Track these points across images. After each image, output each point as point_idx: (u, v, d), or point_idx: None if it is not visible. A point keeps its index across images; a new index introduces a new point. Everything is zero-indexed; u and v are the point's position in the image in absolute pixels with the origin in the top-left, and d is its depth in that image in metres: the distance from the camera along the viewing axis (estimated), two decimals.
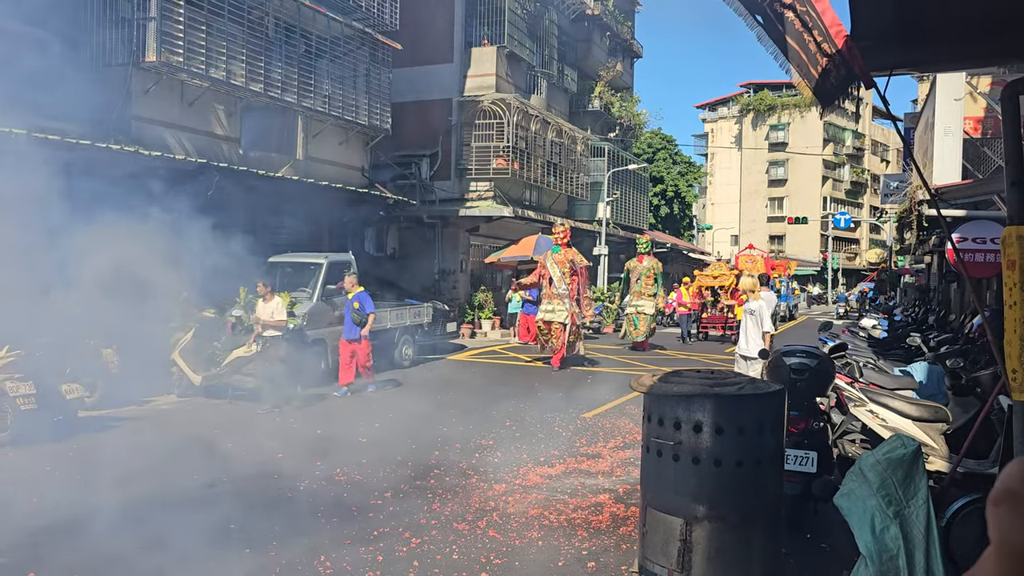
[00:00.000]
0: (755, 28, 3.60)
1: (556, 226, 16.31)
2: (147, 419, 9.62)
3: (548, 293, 15.49)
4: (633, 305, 19.15)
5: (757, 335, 9.55)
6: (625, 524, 5.92)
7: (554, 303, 15.33)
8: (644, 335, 19.01)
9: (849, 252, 72.46)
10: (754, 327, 9.61)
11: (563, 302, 15.31)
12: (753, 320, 9.62)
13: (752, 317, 9.62)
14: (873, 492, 4.19)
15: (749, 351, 9.50)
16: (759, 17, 3.88)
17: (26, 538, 5.35)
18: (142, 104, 13.39)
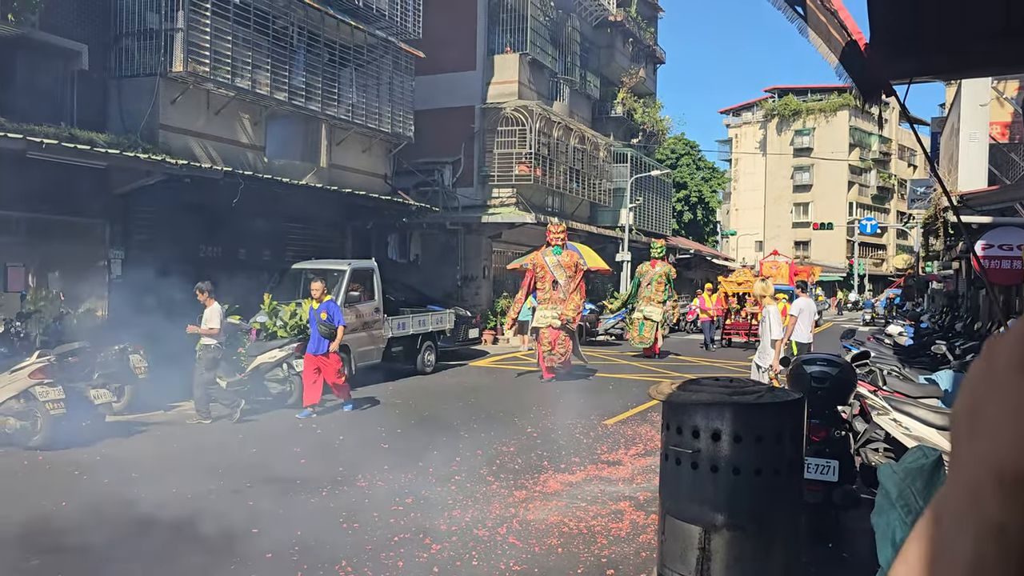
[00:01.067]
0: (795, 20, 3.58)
1: (552, 225, 15.35)
2: (173, 424, 9.76)
3: (553, 297, 14.40)
4: (640, 310, 18.64)
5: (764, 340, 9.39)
6: (645, 532, 5.92)
7: (560, 308, 14.35)
8: (651, 341, 18.55)
9: (876, 258, 71.68)
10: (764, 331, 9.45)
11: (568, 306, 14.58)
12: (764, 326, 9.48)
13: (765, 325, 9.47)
14: (892, 503, 4.16)
15: (763, 359, 9.36)
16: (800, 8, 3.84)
17: (55, 541, 5.45)
18: (169, 113, 13.60)
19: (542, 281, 14.41)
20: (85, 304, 12.76)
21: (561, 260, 14.48)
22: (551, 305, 14.25)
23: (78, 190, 12.19)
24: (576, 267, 14.61)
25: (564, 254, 14.57)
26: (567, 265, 14.48)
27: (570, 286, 14.37)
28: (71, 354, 8.96)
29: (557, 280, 14.29)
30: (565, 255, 14.57)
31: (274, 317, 11.88)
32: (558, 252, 14.58)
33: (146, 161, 11.76)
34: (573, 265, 14.59)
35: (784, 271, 30.88)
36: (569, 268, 14.49)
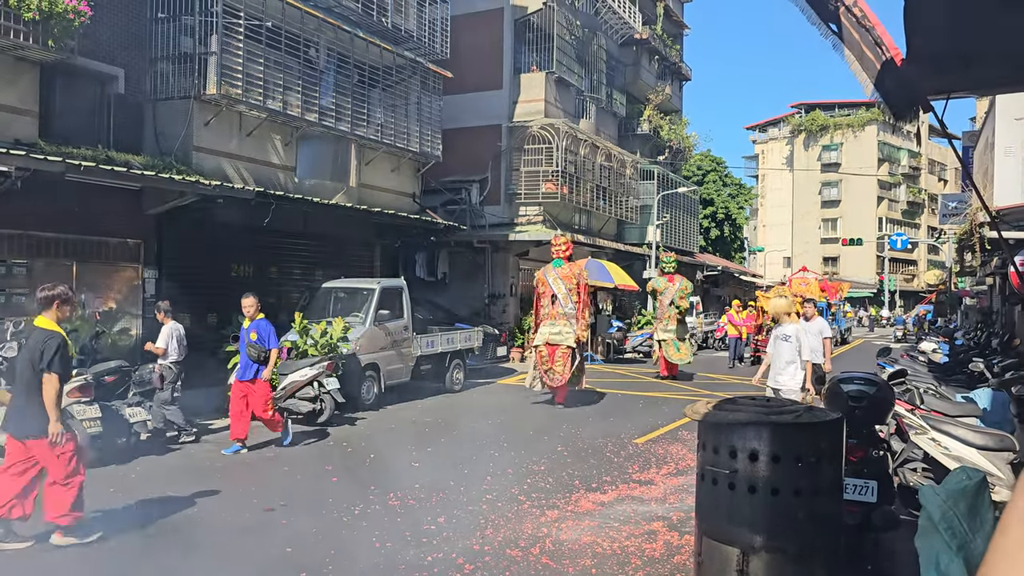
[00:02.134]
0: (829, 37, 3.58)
1: (556, 237, 14.54)
2: (206, 442, 9.83)
3: (552, 313, 13.54)
4: (670, 330, 17.90)
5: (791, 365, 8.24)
6: (679, 553, 5.86)
7: (559, 324, 13.43)
8: (688, 358, 18.13)
9: (907, 273, 70.79)
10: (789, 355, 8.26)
11: (570, 323, 13.44)
12: (790, 347, 8.28)
13: (788, 344, 8.31)
14: (935, 527, 4.09)
15: (782, 383, 8.30)
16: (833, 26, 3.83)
17: (92, 559, 5.50)
18: (203, 135, 13.82)
19: (543, 297, 13.78)
20: (120, 323, 12.97)
21: (560, 273, 13.70)
22: (549, 321, 13.51)
23: (114, 211, 12.42)
24: (578, 281, 13.73)
25: (565, 267, 13.76)
26: (566, 278, 13.66)
27: (569, 301, 13.51)
28: (107, 373, 9.09)
29: (556, 295, 13.55)
30: (565, 268, 13.76)
31: (305, 336, 11.97)
32: (558, 265, 13.81)
33: (180, 182, 11.95)
34: (573, 278, 13.70)
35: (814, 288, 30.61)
36: (569, 281, 13.64)
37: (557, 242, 14.07)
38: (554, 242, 14.16)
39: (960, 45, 3.79)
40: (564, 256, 13.86)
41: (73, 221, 11.94)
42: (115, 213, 12.49)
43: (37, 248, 11.71)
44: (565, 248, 13.95)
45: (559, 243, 14.03)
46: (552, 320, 13.50)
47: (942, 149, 75.33)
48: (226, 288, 14.76)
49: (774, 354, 8.53)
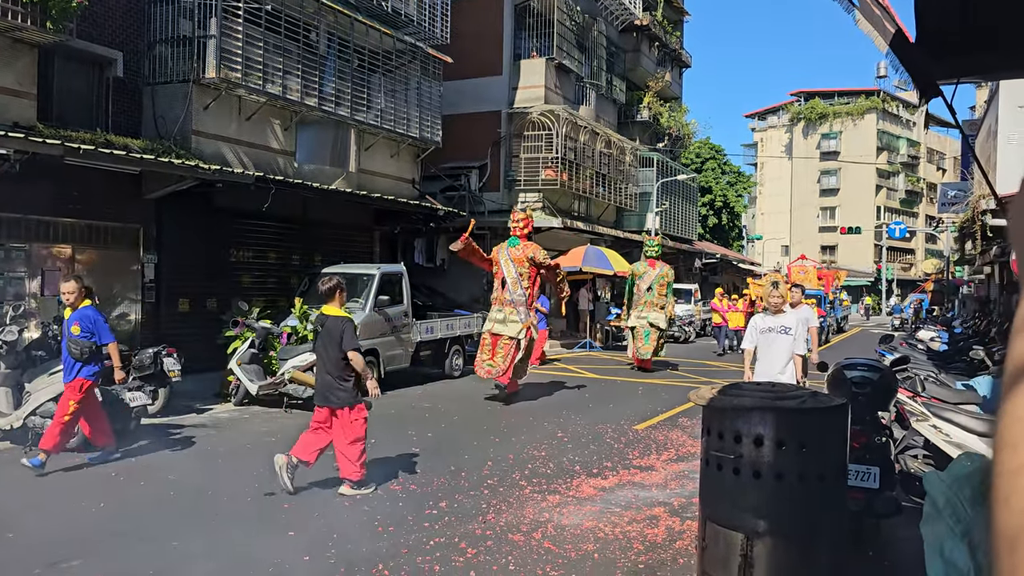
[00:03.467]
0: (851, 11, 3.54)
1: (515, 211, 12.84)
2: (206, 427, 9.83)
3: (499, 297, 12.21)
4: (643, 317, 16.58)
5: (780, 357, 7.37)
6: (681, 538, 5.87)
7: (506, 311, 12.05)
8: (653, 351, 16.61)
9: (904, 262, 70.88)
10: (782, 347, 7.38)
11: (517, 311, 12.02)
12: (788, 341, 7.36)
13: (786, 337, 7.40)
14: (939, 512, 4.10)
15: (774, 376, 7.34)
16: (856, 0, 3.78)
17: (94, 542, 5.51)
18: (202, 119, 13.75)
19: (495, 277, 12.39)
20: (118, 308, 12.94)
21: (512, 254, 12.15)
22: (497, 307, 12.21)
23: (113, 195, 12.37)
24: (531, 262, 12.12)
25: (519, 247, 12.23)
26: (518, 260, 12.08)
27: (519, 286, 12.01)
28: (107, 357, 9.05)
29: (505, 278, 12.09)
30: (519, 248, 12.22)
31: (305, 321, 11.95)
32: (514, 244, 12.29)
33: (180, 166, 11.90)
34: (526, 260, 12.10)
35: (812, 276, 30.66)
36: (520, 263, 12.05)
37: (515, 218, 12.50)
38: (512, 218, 12.59)
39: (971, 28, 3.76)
40: (522, 234, 12.35)
41: (72, 205, 11.89)
42: (114, 197, 12.44)
43: (35, 232, 11.66)
44: (523, 225, 12.40)
45: (517, 219, 12.45)
46: (500, 306, 12.18)
47: (941, 138, 75.30)
48: (225, 273, 14.76)
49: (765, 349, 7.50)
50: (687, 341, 25.75)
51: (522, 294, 12.04)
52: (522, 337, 12.00)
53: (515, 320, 11.97)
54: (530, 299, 12.18)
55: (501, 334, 11.96)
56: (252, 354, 11.31)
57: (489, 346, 12.12)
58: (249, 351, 11.26)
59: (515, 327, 11.95)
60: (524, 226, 12.36)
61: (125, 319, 13.03)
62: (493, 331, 12.05)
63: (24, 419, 8.22)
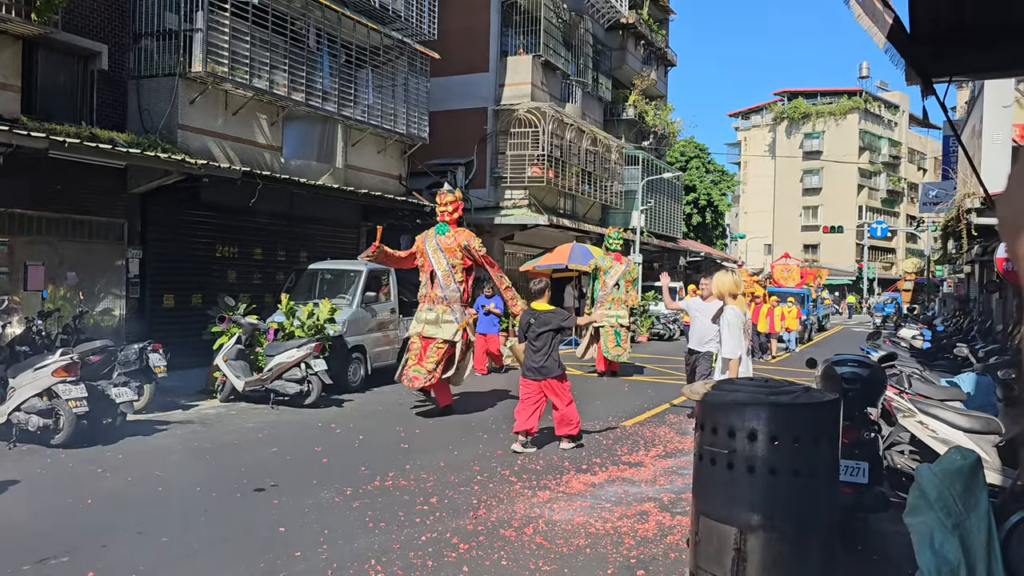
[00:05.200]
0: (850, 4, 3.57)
1: (442, 193, 10.89)
2: (193, 424, 9.77)
3: (429, 295, 10.46)
4: (611, 315, 14.92)
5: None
6: (672, 533, 5.90)
7: (438, 309, 10.32)
8: (627, 352, 15.34)
9: (885, 261, 71.51)
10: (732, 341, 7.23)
11: (451, 309, 10.32)
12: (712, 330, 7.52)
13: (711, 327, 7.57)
14: (930, 505, 4.14)
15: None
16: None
17: (82, 539, 5.47)
18: (188, 113, 13.65)
19: (422, 271, 10.66)
20: (103, 303, 12.83)
21: (442, 243, 10.43)
22: (427, 305, 10.46)
23: (98, 189, 12.28)
24: (464, 252, 10.46)
25: (449, 234, 10.50)
26: (448, 249, 10.39)
27: (451, 280, 10.36)
28: (92, 353, 8.99)
29: (436, 271, 10.39)
30: (450, 235, 10.49)
31: (291, 317, 11.90)
32: (443, 231, 10.55)
33: (166, 161, 11.82)
34: (458, 250, 10.42)
35: (795, 274, 30.84)
36: (452, 253, 10.39)
37: (442, 199, 10.72)
38: (439, 199, 10.82)
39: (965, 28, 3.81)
40: (451, 219, 10.61)
41: (56, 199, 11.78)
42: (99, 191, 12.34)
43: (19, 226, 11.54)
44: (453, 208, 10.67)
45: (444, 201, 10.68)
46: (430, 304, 10.43)
47: (922, 139, 76.01)
48: (211, 269, 14.68)
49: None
50: (671, 339, 25.85)
51: (456, 289, 10.36)
52: (458, 340, 10.31)
53: (449, 320, 10.26)
54: (465, 294, 10.54)
55: (433, 337, 10.24)
56: (239, 350, 11.25)
57: (418, 352, 10.36)
58: (236, 347, 11.20)
59: (450, 328, 10.25)
60: (453, 210, 10.64)
61: (109, 314, 12.91)
62: (424, 333, 10.30)
63: (8, 415, 8.13)
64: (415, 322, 10.60)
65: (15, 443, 8.14)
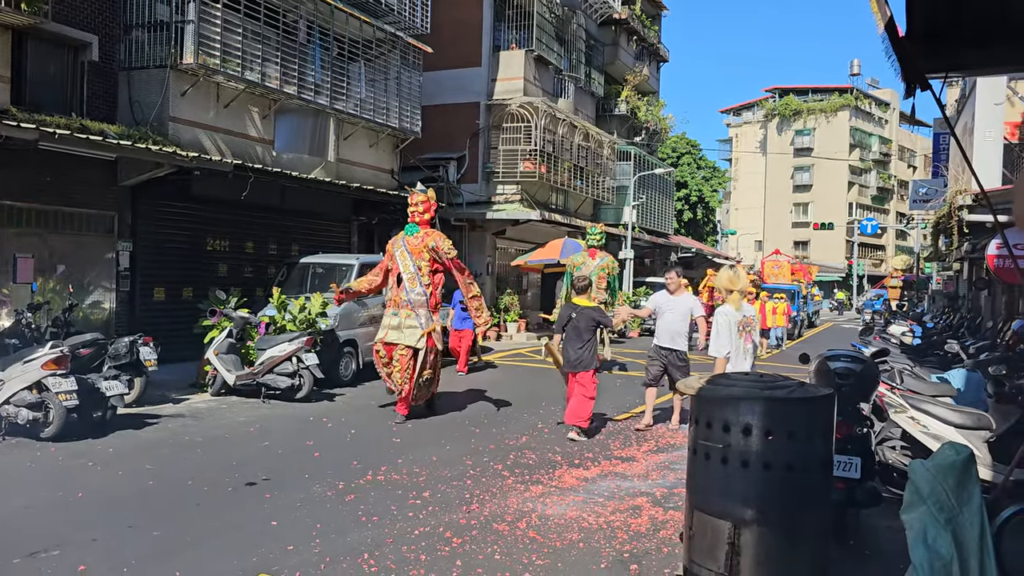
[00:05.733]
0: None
1: (414, 192, 10.30)
2: (184, 417, 9.72)
3: (394, 299, 9.97)
4: None
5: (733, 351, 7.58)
6: (665, 527, 5.91)
7: (402, 315, 9.78)
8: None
9: (875, 258, 71.82)
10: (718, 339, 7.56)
11: (416, 314, 9.75)
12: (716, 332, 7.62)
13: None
14: (923, 500, 4.15)
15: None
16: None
17: (73, 532, 5.43)
18: (179, 106, 13.57)
19: (391, 275, 10.17)
20: (92, 296, 12.76)
21: (410, 244, 9.95)
22: (392, 310, 9.95)
23: (87, 181, 12.20)
24: (432, 253, 9.93)
25: (419, 235, 10.00)
26: (416, 251, 9.90)
27: (417, 283, 9.84)
28: (83, 346, 8.93)
29: (402, 274, 9.90)
30: (419, 236, 9.99)
31: (283, 311, 11.85)
32: (411, 231, 10.05)
33: (157, 153, 11.74)
34: (425, 251, 9.90)
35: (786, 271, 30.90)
36: (419, 255, 9.87)
37: (413, 199, 10.16)
38: (410, 199, 10.26)
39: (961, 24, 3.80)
40: (422, 220, 10.09)
41: (45, 191, 11.70)
42: (88, 183, 12.26)
43: (8, 218, 11.45)
44: (424, 209, 10.10)
45: (416, 200, 10.13)
46: (395, 308, 9.91)
47: (912, 136, 76.34)
48: (202, 262, 14.61)
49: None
50: None
51: (422, 292, 9.80)
52: (422, 347, 9.71)
53: (413, 325, 9.69)
54: (432, 299, 9.98)
55: (396, 343, 9.68)
56: (230, 344, 11.20)
57: (384, 360, 9.93)
58: (227, 341, 11.15)
59: (413, 334, 9.67)
60: (424, 210, 10.06)
61: (99, 307, 12.85)
62: (387, 340, 9.76)
63: None
64: (381, 328, 10.02)
65: (4, 436, 8.10)
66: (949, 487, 4.12)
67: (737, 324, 7.82)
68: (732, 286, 7.76)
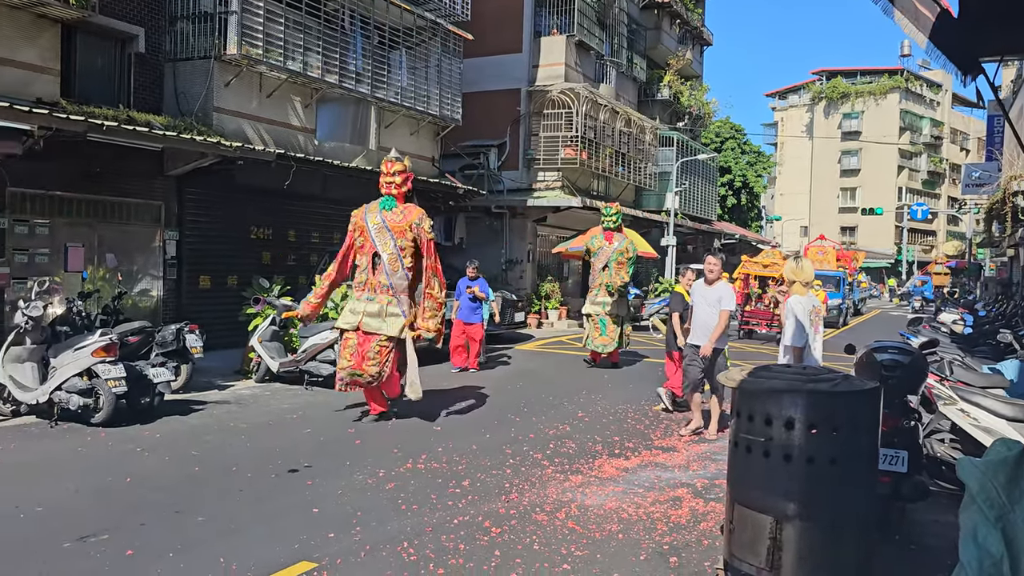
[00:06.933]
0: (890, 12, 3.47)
1: (388, 161, 8.89)
2: (228, 404, 9.88)
3: (370, 282, 8.74)
4: (598, 303, 13.61)
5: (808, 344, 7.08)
6: (705, 519, 5.85)
7: (382, 300, 8.64)
8: (614, 343, 13.66)
9: (925, 244, 70.14)
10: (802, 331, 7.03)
11: (396, 300, 8.70)
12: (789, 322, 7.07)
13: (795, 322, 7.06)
14: (972, 498, 4.04)
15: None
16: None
17: (122, 517, 5.56)
18: (223, 96, 13.74)
19: (360, 253, 8.90)
20: (140, 284, 13.03)
21: (389, 219, 8.71)
22: (367, 294, 8.74)
23: (135, 172, 12.44)
24: (416, 233, 8.74)
25: (398, 210, 8.78)
26: (397, 228, 8.69)
27: (399, 264, 8.68)
28: (131, 333, 9.13)
29: (379, 253, 8.69)
30: (398, 212, 8.76)
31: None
32: (388, 206, 8.79)
33: (201, 143, 11.91)
34: (407, 228, 8.71)
35: (831, 257, 30.28)
36: (402, 234, 8.69)
37: (388, 169, 8.82)
38: (384, 168, 8.89)
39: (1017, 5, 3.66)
40: (399, 193, 8.82)
41: (95, 181, 11.95)
42: (136, 174, 12.50)
43: (59, 208, 11.73)
44: (401, 180, 8.82)
45: (391, 171, 8.80)
46: (371, 293, 8.72)
47: (965, 118, 74.22)
48: (246, 250, 14.82)
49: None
50: None
51: (404, 276, 8.72)
52: (406, 337, 8.77)
53: (396, 313, 8.65)
54: (411, 285, 8.93)
55: (377, 332, 8.58)
56: (273, 331, 11.36)
57: (354, 348, 8.62)
58: (270, 328, 11.31)
59: (396, 323, 8.63)
60: (402, 181, 8.83)
61: (147, 295, 13.12)
62: (364, 327, 8.59)
63: (50, 394, 8.30)
64: (349, 313, 8.79)
65: (56, 422, 8.31)
66: (1000, 484, 4.00)
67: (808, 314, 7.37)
68: (795, 277, 7.29)
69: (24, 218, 11.32)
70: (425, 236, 8.75)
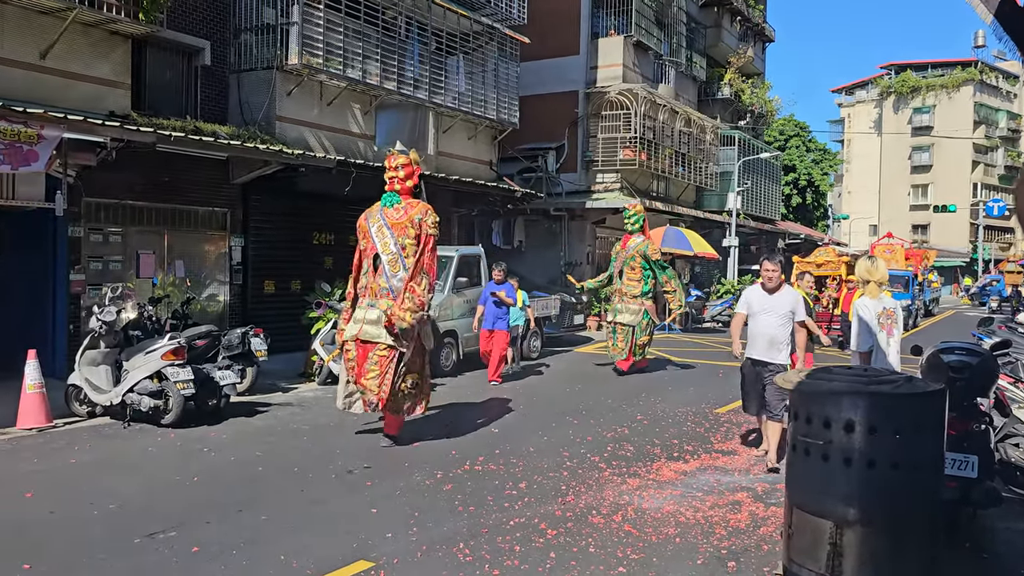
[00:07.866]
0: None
1: (392, 155, 8.39)
2: (291, 406, 10.10)
3: (370, 286, 8.02)
4: (612, 309, 13.14)
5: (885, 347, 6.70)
6: (765, 524, 5.75)
7: (381, 305, 7.80)
8: (624, 352, 12.90)
9: (1003, 242, 67.42)
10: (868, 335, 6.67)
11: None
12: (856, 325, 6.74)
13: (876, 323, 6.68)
14: None
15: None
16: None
17: (189, 514, 5.73)
18: (285, 105, 14.05)
19: (365, 256, 8.23)
20: (208, 290, 13.41)
21: (390, 217, 8.05)
22: (368, 300, 7.99)
23: (201, 180, 12.82)
24: (418, 228, 7.97)
25: (400, 206, 8.10)
26: (398, 226, 7.99)
27: (399, 265, 7.89)
28: (198, 337, 9.41)
29: (380, 254, 7.98)
30: (400, 208, 8.09)
31: None
32: (391, 202, 8.13)
33: (265, 152, 12.21)
34: (411, 226, 7.97)
35: (899, 255, 29.35)
36: (403, 231, 7.96)
37: (392, 163, 8.23)
38: (388, 163, 8.32)
39: None
40: (403, 188, 8.18)
41: (164, 190, 12.35)
42: (203, 182, 12.88)
43: (131, 217, 12.15)
44: (406, 174, 8.17)
45: (395, 164, 8.18)
46: (372, 298, 7.96)
47: None
48: (308, 255, 15.11)
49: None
50: None
51: (402, 278, 7.89)
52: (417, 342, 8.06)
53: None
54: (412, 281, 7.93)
55: (375, 341, 7.78)
56: (334, 335, 11.54)
57: (356, 360, 7.92)
58: (332, 332, 11.50)
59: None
60: (407, 175, 8.16)
61: (214, 300, 13.49)
62: (362, 336, 7.83)
63: (123, 396, 8.61)
64: (353, 322, 8.02)
65: (129, 423, 8.62)
66: None
67: (877, 316, 7.01)
68: (869, 277, 6.89)
69: (98, 227, 11.76)
70: (427, 231, 7.99)
